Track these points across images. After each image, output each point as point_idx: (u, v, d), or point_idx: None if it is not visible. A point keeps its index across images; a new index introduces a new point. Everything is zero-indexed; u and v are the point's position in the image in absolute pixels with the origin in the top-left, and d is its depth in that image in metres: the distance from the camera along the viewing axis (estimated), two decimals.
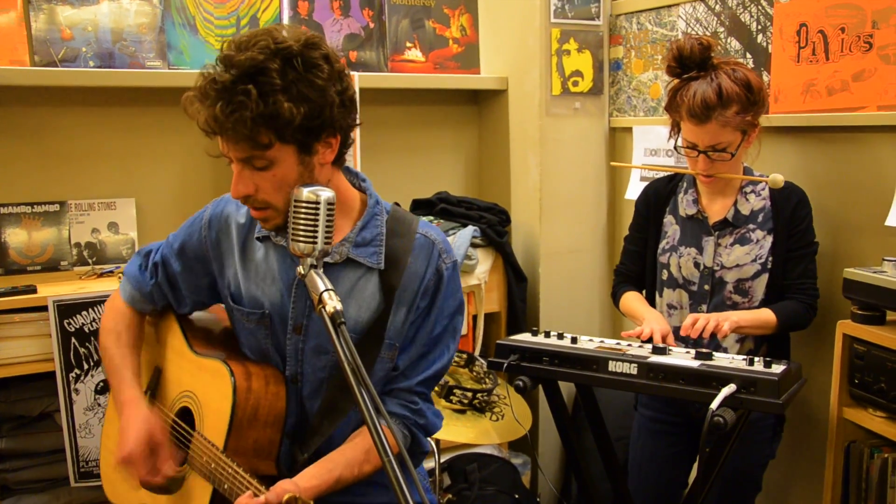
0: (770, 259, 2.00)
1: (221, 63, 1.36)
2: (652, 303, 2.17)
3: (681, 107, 1.95)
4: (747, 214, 2.02)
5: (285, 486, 1.35)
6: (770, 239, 2.00)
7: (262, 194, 1.41)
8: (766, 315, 1.96)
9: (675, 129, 2.06)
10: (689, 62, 1.95)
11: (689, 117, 1.92)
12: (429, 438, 1.64)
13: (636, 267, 2.22)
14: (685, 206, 2.10)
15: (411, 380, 1.57)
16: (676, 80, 2.00)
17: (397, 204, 1.68)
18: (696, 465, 2.17)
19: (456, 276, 1.60)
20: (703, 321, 1.90)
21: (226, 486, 1.42)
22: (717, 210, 2.05)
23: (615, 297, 2.25)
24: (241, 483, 1.38)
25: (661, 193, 2.17)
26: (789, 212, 2.00)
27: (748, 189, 2.03)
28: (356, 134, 2.59)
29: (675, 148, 2.04)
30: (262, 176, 1.39)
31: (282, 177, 1.39)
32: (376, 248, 1.53)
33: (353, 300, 1.52)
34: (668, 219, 2.14)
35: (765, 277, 2.01)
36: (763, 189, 2.03)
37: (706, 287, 2.04)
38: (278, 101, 1.32)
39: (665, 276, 2.12)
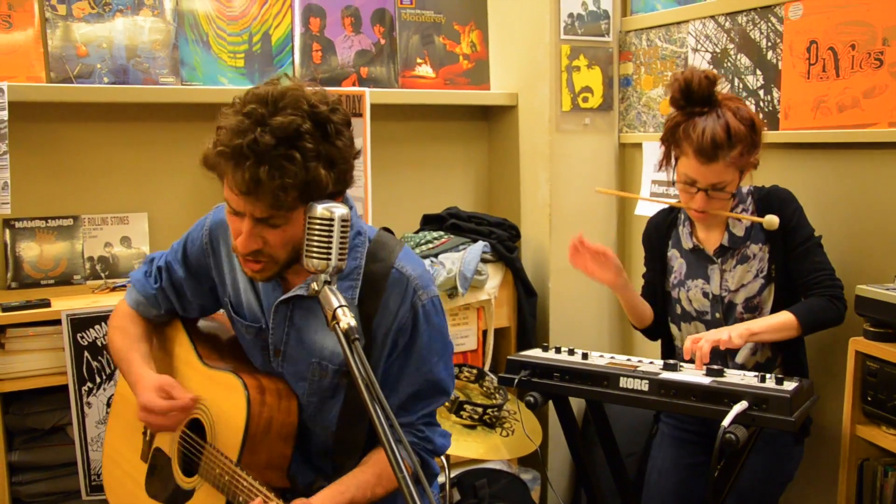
0: (773, 267, 1.99)
1: (255, 122, 1.31)
2: (668, 333, 2.18)
3: (684, 142, 1.91)
4: (741, 235, 2.01)
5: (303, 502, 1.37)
6: (767, 248, 2.00)
7: (269, 249, 1.40)
8: (784, 317, 1.90)
9: (668, 160, 2.02)
10: (696, 97, 1.90)
11: (697, 155, 1.88)
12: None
13: (649, 298, 2.20)
14: (685, 239, 2.10)
15: (413, 415, 1.57)
16: (678, 114, 1.95)
17: (386, 229, 1.66)
18: None
19: (437, 310, 1.55)
20: (704, 346, 1.82)
21: (241, 499, 1.42)
22: (713, 240, 2.04)
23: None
24: (257, 496, 1.39)
25: (660, 227, 2.17)
26: (775, 214, 1.96)
27: (738, 209, 2.01)
28: (367, 149, 2.61)
29: (673, 183, 2.02)
30: (273, 232, 1.39)
31: (291, 234, 1.39)
32: (353, 281, 1.51)
33: (329, 336, 1.51)
34: (672, 252, 2.14)
35: (771, 288, 2.00)
36: (750, 204, 2.02)
37: (717, 315, 2.03)
38: (317, 168, 1.33)
39: (679, 310, 2.12)
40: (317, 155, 1.33)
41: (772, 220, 1.92)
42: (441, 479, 2.36)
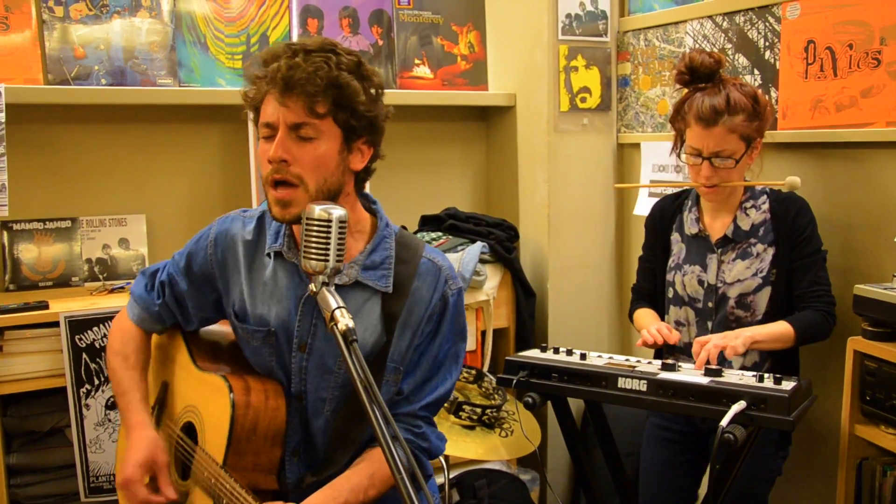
0: (773, 272, 2.00)
1: (290, 45, 1.44)
2: (662, 319, 2.17)
3: (688, 114, 1.98)
4: (747, 229, 2.02)
5: None
6: (771, 251, 2.00)
7: (296, 167, 1.41)
8: (783, 327, 1.93)
9: (679, 141, 2.08)
10: (699, 73, 1.99)
11: (697, 121, 1.95)
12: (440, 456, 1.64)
13: (649, 284, 2.22)
14: (689, 224, 2.11)
15: (414, 405, 1.57)
16: (684, 92, 2.03)
17: (404, 227, 1.69)
18: (705, 477, 2.16)
19: (460, 303, 1.60)
20: (705, 353, 1.85)
21: (224, 502, 1.42)
22: (718, 227, 2.06)
23: (630, 315, 2.25)
24: (239, 499, 1.39)
25: (667, 211, 2.19)
26: (789, 222, 1.99)
27: (748, 204, 2.04)
28: None
29: (679, 156, 2.06)
30: (303, 148, 1.41)
31: (321, 155, 1.42)
32: (385, 271, 1.54)
33: (360, 323, 1.51)
34: (675, 237, 2.15)
35: (767, 291, 2.00)
36: (763, 203, 2.03)
37: (710, 304, 2.04)
38: (349, 77, 1.42)
39: (671, 293, 2.13)
40: (351, 71, 1.42)
41: (793, 182, 1.95)
42: (440, 479, 2.36)
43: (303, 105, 1.39)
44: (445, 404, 2.32)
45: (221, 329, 1.77)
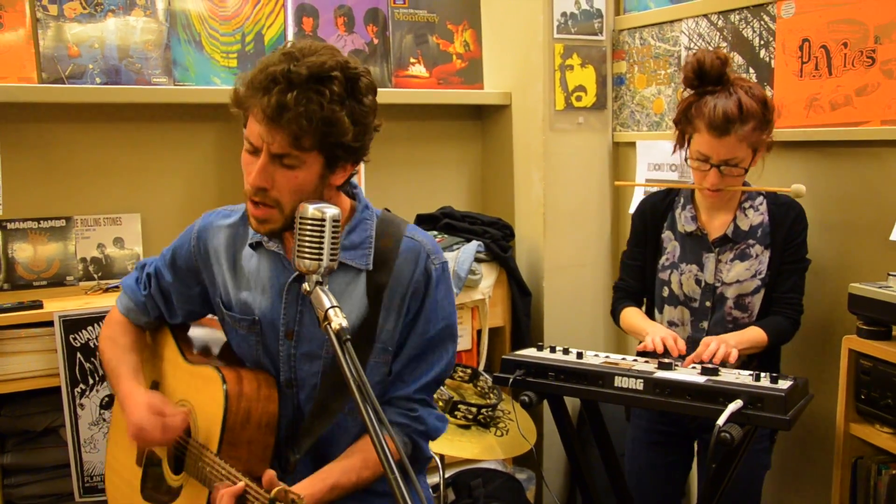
0: (767, 273, 2.00)
1: (289, 58, 1.37)
2: (651, 318, 2.16)
3: (696, 119, 1.94)
4: (746, 230, 2.02)
5: (277, 481, 1.36)
6: (768, 254, 2.01)
7: (276, 192, 1.42)
8: (758, 334, 1.96)
9: (682, 142, 2.04)
10: (708, 76, 1.95)
11: (710, 129, 1.91)
12: (434, 454, 1.64)
13: (636, 282, 2.20)
14: (684, 222, 2.09)
15: (409, 386, 1.57)
16: (691, 94, 1.99)
17: (388, 210, 1.69)
18: (693, 475, 2.16)
19: (447, 278, 1.60)
20: (715, 346, 1.88)
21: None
22: (716, 226, 2.05)
23: (615, 313, 2.23)
24: (234, 482, 1.38)
25: (657, 209, 2.16)
26: (787, 226, 2.00)
27: (746, 204, 2.03)
28: None
29: (685, 161, 2.04)
30: (284, 174, 1.41)
31: (301, 181, 1.42)
32: (365, 250, 1.54)
33: (344, 304, 1.49)
34: (667, 234, 2.13)
35: (762, 293, 2.01)
36: (761, 204, 2.03)
37: (707, 303, 2.04)
38: (340, 112, 1.38)
39: (666, 293, 2.11)
40: (342, 100, 1.38)
41: (798, 189, 1.94)
42: (435, 479, 2.36)
43: (289, 138, 1.37)
44: (440, 403, 2.32)
45: (209, 325, 1.78)
